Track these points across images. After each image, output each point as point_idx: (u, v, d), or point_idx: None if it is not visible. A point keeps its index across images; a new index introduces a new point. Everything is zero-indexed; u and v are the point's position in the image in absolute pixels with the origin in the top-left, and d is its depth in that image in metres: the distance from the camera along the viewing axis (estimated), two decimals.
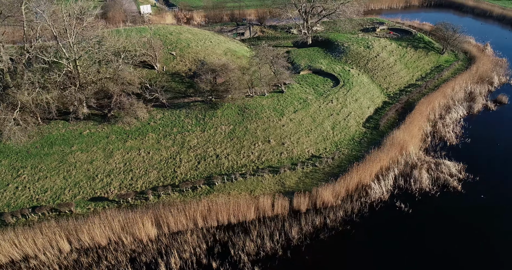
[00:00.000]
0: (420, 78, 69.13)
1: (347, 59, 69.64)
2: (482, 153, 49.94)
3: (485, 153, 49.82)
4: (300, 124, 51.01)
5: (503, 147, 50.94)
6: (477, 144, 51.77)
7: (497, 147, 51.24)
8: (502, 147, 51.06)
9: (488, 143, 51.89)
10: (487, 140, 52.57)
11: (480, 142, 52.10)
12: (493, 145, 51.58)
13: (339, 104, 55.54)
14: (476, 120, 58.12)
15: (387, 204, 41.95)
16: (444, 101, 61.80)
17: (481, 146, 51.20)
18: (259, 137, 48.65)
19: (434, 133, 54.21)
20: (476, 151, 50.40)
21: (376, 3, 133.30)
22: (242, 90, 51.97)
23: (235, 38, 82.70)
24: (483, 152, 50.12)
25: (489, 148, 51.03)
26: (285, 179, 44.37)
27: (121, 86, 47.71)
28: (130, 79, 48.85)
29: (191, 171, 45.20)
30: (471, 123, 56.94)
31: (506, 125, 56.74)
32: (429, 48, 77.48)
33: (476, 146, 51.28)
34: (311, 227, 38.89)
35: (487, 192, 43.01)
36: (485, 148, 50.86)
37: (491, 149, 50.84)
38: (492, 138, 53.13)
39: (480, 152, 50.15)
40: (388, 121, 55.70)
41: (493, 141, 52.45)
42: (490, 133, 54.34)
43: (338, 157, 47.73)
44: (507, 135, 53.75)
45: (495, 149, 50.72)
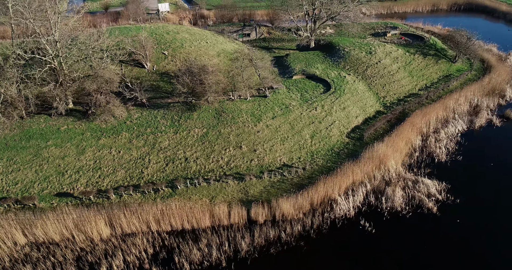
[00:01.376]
0: (424, 88, 64.99)
1: (345, 65, 66.72)
2: (471, 173, 45.96)
3: (474, 174, 45.80)
4: (277, 131, 49.36)
5: (496, 168, 46.61)
6: (469, 163, 47.74)
7: (489, 167, 47.01)
8: (494, 168, 46.74)
9: (480, 163, 47.73)
10: (481, 159, 48.36)
11: (472, 161, 48.02)
12: (485, 165, 47.38)
13: (323, 112, 53.22)
14: (475, 136, 53.66)
15: (351, 221, 39.54)
16: (444, 113, 57.62)
17: (472, 166, 47.16)
18: (231, 142, 47.59)
19: (423, 148, 50.62)
20: (465, 170, 46.47)
21: (401, 6, 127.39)
22: (220, 93, 51.12)
23: (237, 39, 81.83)
24: (472, 172, 46.11)
25: (480, 168, 46.89)
26: (249, 187, 43.04)
27: (99, 84, 48.33)
28: (109, 77, 49.40)
29: (158, 173, 45.00)
30: (468, 139, 52.64)
31: (507, 143, 51.91)
32: (441, 55, 72.67)
33: (466, 165, 47.29)
34: (264, 240, 37.40)
35: (464, 217, 39.43)
36: (476, 168, 46.77)
37: (482, 169, 46.68)
38: (487, 157, 48.81)
39: (469, 172, 46.19)
40: (375, 132, 52.74)
41: (487, 160, 48.17)
42: (486, 152, 49.95)
43: (311, 168, 45.70)
44: (504, 154, 49.16)
45: (486, 170, 46.52)
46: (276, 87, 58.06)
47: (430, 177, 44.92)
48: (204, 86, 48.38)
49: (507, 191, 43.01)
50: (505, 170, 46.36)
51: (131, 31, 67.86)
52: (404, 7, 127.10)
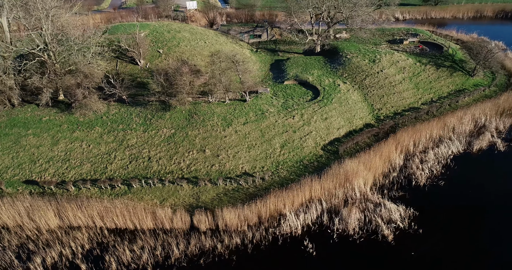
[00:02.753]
0: (428, 102, 59.69)
1: (343, 72, 63.14)
2: (447, 201, 41.20)
3: (450, 202, 40.99)
4: (245, 138, 47.90)
5: (474, 198, 41.33)
6: (449, 189, 42.90)
7: (469, 197, 41.82)
8: (472, 197, 41.46)
9: (462, 191, 42.67)
10: (464, 187, 43.22)
11: (454, 188, 43.09)
12: (466, 194, 42.25)
13: (301, 121, 50.74)
14: (469, 160, 48.12)
15: (296, 240, 37.20)
16: (440, 132, 52.43)
17: (451, 193, 42.28)
18: (196, 145, 46.99)
19: (403, 168, 46.40)
20: (441, 197, 41.80)
21: (439, 11, 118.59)
22: (196, 95, 50.64)
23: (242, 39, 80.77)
24: (448, 200, 41.33)
25: (459, 196, 41.86)
26: (202, 193, 42.20)
27: (81, 79, 50.01)
28: (89, 72, 50.96)
29: (120, 169, 45.68)
30: (460, 162, 47.40)
31: (503, 170, 45.85)
32: (457, 67, 66.29)
33: (445, 192, 42.52)
34: (198, 249, 36.44)
35: (421, 250, 35.40)
36: (453, 196, 41.83)
37: (461, 198, 41.64)
38: (472, 184, 43.53)
39: (444, 199, 41.46)
40: (356, 147, 49.30)
41: (470, 188, 42.95)
42: (474, 178, 44.56)
43: (271, 179, 43.77)
44: (493, 183, 43.39)
45: (464, 199, 41.46)
46: (261, 91, 56.45)
47: (399, 201, 41.00)
48: (177, 87, 48.21)
49: (477, 225, 38.01)
50: (485, 201, 41.00)
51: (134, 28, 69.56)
52: (442, 13, 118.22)
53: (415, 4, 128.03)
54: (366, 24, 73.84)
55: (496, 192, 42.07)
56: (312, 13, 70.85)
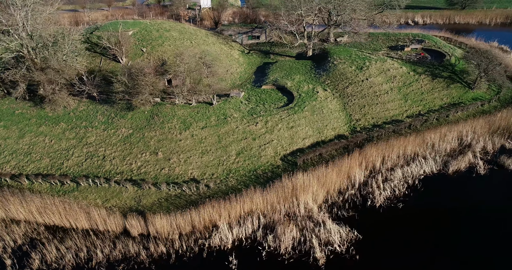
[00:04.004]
0: (415, 115, 55.25)
1: (326, 79, 59.90)
2: (398, 227, 37.54)
3: (401, 229, 37.26)
4: (200, 142, 46.61)
5: (431, 227, 37.13)
6: (406, 214, 39.13)
7: (424, 223, 37.70)
8: (430, 226, 37.27)
9: (420, 216, 38.74)
10: (424, 212, 39.22)
11: (413, 213, 39.26)
12: (423, 221, 38.22)
13: (263, 128, 48.61)
14: (441, 182, 43.79)
15: (222, 254, 35.46)
16: (417, 148, 48.25)
17: (407, 218, 38.53)
18: (150, 147, 46.39)
19: (363, 186, 43.07)
20: (394, 222, 38.18)
21: (464, 16, 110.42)
22: (159, 95, 50.02)
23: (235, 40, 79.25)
24: (400, 226, 37.63)
25: (414, 222, 37.89)
26: (145, 196, 41.52)
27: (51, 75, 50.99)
28: (61, 68, 51.82)
29: (75, 166, 46.10)
30: (429, 184, 43.27)
31: (474, 198, 41.08)
32: (456, 79, 60.91)
33: (401, 216, 38.84)
34: (122, 254, 35.78)
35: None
36: (409, 222, 37.98)
37: (416, 225, 37.62)
38: (434, 211, 39.41)
39: (397, 224, 37.82)
40: (318, 159, 46.47)
41: (430, 215, 38.84)
42: (439, 204, 40.37)
43: (217, 187, 42.21)
44: (458, 211, 38.97)
45: (419, 226, 37.39)
46: (233, 95, 54.86)
47: (345, 222, 38.00)
48: (138, 87, 47.84)
49: (424, 259, 34.24)
50: (444, 232, 36.84)
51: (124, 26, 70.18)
52: (468, 18, 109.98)
53: (439, 8, 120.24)
54: (360, 28, 69.79)
55: (459, 223, 37.87)
56: (303, 15, 67.88)
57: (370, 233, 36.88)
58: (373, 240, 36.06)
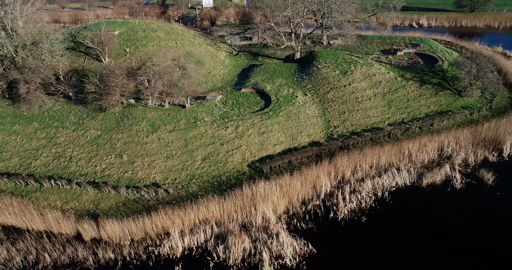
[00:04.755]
0: (398, 123, 52.90)
1: (308, 83, 58.07)
2: (357, 242, 35.71)
3: (360, 244, 35.42)
4: (167, 146, 45.79)
5: (392, 244, 35.20)
6: (368, 228, 37.25)
7: (385, 239, 35.74)
8: (391, 242, 35.34)
9: (382, 231, 36.76)
10: (387, 227, 37.22)
11: (375, 227, 37.32)
12: (384, 236, 36.25)
13: (233, 133, 47.38)
14: (412, 195, 41.51)
15: (169, 264, 34.46)
16: (392, 158, 46.05)
17: (368, 233, 36.63)
18: (116, 150, 45.88)
19: (328, 197, 41.30)
20: (353, 236, 36.38)
21: (472, 19, 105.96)
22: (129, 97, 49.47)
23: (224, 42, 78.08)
24: (359, 241, 35.79)
25: (374, 238, 36.00)
26: (104, 200, 41.00)
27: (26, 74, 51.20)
28: (37, 68, 51.94)
29: (42, 167, 46.08)
30: (399, 197, 41.12)
31: (445, 213, 38.61)
32: (446, 86, 58.10)
33: (361, 230, 36.98)
34: (69, 259, 35.31)
35: None
36: (369, 237, 36.08)
37: (376, 240, 35.75)
38: (397, 226, 37.33)
39: (356, 239, 35.99)
40: (288, 166, 44.95)
41: (393, 230, 36.83)
42: (405, 219, 38.20)
43: (177, 193, 41.30)
44: (425, 228, 36.72)
45: (379, 242, 35.52)
46: (209, 98, 53.85)
47: (302, 234, 36.44)
48: (108, 88, 47.43)
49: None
50: (405, 250, 34.82)
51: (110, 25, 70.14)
52: (476, 21, 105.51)
53: (447, 10, 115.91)
54: (348, 31, 67.52)
55: (423, 241, 35.73)
56: (290, 16, 66.16)
57: (326, 247, 35.24)
58: (327, 255, 34.43)
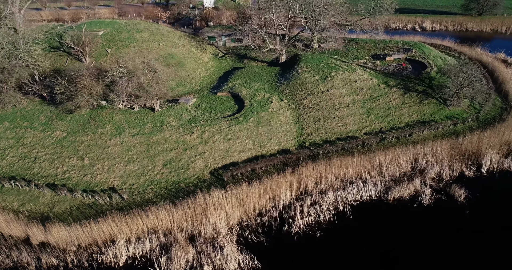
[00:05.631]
0: (376, 132, 50.66)
1: (285, 88, 56.33)
2: (304, 258, 33.96)
3: (307, 260, 33.69)
4: (128, 150, 45.08)
5: (344, 262, 33.36)
6: (321, 243, 35.43)
7: (336, 257, 33.90)
8: (343, 260, 33.50)
9: (334, 248, 34.91)
10: (340, 244, 35.30)
11: (328, 243, 35.48)
12: (335, 254, 34.37)
13: (198, 139, 46.28)
14: (374, 210, 39.39)
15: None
16: (361, 170, 43.93)
17: (319, 249, 34.79)
18: (79, 152, 45.50)
19: (286, 209, 39.59)
20: (302, 252, 34.64)
21: (479, 23, 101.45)
22: (98, 99, 49.05)
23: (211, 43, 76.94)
24: (307, 257, 34.04)
25: (324, 255, 34.16)
26: (59, 203, 40.62)
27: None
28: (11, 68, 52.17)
29: (7, 167, 46.13)
30: (361, 212, 39.11)
31: (407, 231, 36.36)
32: (432, 94, 55.37)
33: (312, 246, 35.20)
34: (13, 262, 34.97)
35: None
36: (319, 253, 34.21)
37: (325, 257, 33.93)
38: (350, 243, 35.39)
39: (304, 255, 34.24)
40: (250, 175, 43.51)
41: (346, 247, 34.92)
42: (361, 236, 36.20)
43: (132, 199, 40.51)
44: (382, 245, 34.72)
45: (328, 260, 33.69)
46: (181, 101, 52.95)
47: (251, 248, 35.01)
48: (75, 89, 47.11)
49: None
50: (356, 265, 32.98)
51: (101, 25, 70.21)
52: (483, 25, 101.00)
53: (455, 13, 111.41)
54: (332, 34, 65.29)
55: (377, 262, 33.75)
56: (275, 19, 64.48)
57: (272, 262, 33.76)
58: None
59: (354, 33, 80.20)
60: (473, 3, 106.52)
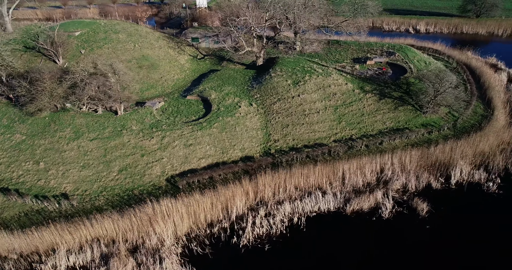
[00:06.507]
0: (346, 140, 48.80)
1: (257, 92, 54.75)
2: None
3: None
4: (85, 155, 44.06)
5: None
6: (267, 258, 33.89)
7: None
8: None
9: (279, 263, 33.31)
10: (285, 259, 33.70)
11: (273, 258, 33.91)
12: (275, 267, 32.98)
13: (157, 145, 45.04)
14: (332, 223, 37.62)
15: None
16: (322, 180, 42.17)
17: (264, 265, 33.28)
18: (35, 156, 44.65)
19: (238, 220, 38.08)
20: (249, 267, 33.14)
21: (475, 25, 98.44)
22: (59, 101, 48.16)
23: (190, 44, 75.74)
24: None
25: (265, 268, 32.87)
26: (9, 208, 39.74)
27: None
28: None
29: None
30: (316, 224, 37.41)
31: (360, 246, 34.49)
32: (408, 101, 53.27)
33: (258, 261, 33.66)
34: None
35: None
36: (261, 268, 32.98)
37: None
38: (301, 257, 33.73)
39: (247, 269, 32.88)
40: (209, 183, 42.12)
41: (297, 262, 33.30)
42: (311, 250, 34.54)
43: (81, 206, 39.44)
44: (334, 261, 33.02)
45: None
46: (147, 105, 51.79)
47: (195, 261, 33.61)
48: (36, 92, 46.28)
49: None
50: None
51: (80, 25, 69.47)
52: (478, 27, 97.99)
53: (452, 15, 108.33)
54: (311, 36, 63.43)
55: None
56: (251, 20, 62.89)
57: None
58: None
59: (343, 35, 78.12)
60: (470, 4, 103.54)
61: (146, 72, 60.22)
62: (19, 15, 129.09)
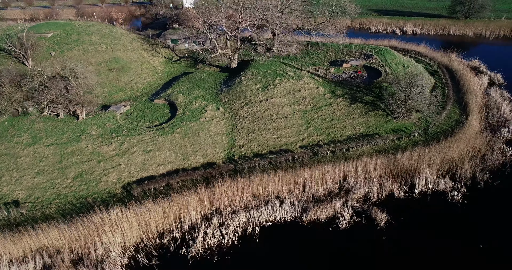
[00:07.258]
0: (312, 146, 47.57)
1: (225, 96, 53.58)
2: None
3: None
4: (40, 161, 43.04)
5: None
6: (221, 267, 32.89)
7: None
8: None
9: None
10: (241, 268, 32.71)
11: (225, 267, 32.89)
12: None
13: (115, 150, 43.96)
14: (287, 233, 36.37)
15: None
16: (281, 188, 40.94)
17: None
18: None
19: (190, 230, 36.96)
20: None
21: (462, 26, 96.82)
22: (25, 104, 47.21)
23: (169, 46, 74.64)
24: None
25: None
26: None
27: None
28: None
29: None
30: (271, 234, 36.17)
31: (313, 258, 33.31)
32: (380, 106, 51.96)
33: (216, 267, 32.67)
34: None
35: None
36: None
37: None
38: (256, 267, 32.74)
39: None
40: (165, 190, 41.02)
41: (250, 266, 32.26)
42: (261, 262, 33.37)
43: (31, 214, 38.41)
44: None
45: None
46: (111, 109, 50.73)
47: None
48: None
49: None
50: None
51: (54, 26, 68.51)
52: (466, 29, 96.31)
53: (441, 16, 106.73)
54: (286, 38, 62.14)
55: None
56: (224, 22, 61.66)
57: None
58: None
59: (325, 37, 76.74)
60: (458, 5, 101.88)
61: (116, 74, 59.17)
62: (6, 15, 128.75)
